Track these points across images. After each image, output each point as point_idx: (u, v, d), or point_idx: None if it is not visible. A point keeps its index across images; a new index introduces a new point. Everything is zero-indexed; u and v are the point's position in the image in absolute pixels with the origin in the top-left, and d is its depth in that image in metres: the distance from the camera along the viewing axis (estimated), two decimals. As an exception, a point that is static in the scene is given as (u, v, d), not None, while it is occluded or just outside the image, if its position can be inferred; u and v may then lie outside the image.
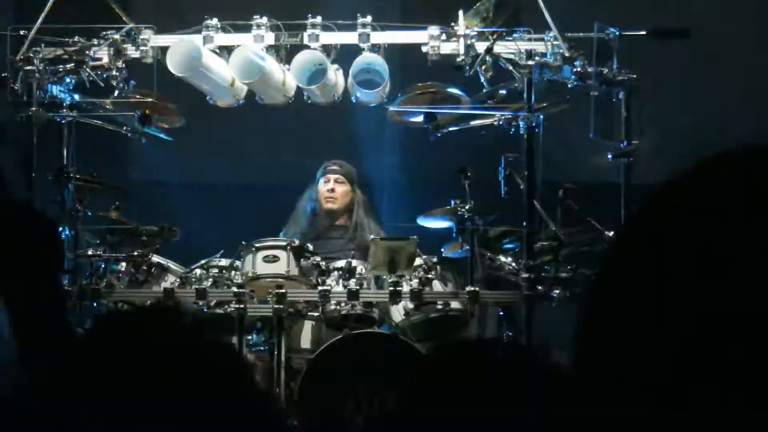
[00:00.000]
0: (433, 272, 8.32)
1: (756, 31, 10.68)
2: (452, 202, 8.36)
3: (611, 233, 7.79)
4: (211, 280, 7.83)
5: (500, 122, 8.44)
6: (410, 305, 8.13)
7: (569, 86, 8.37)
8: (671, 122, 9.79)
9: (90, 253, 8.07)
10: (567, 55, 8.28)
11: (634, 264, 1.29)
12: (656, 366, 1.25)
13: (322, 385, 7.78)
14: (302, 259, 8.05)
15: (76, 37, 8.39)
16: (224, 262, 8.00)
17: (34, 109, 8.07)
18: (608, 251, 1.35)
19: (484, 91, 8.51)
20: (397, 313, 8.20)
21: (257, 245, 7.97)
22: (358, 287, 7.97)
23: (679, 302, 1.24)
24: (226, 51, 8.17)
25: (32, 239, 3.12)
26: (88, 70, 8.29)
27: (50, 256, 3.17)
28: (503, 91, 8.54)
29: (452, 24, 8.45)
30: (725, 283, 1.22)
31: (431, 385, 2.17)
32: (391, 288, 8.02)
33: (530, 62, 8.19)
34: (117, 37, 8.34)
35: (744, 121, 9.81)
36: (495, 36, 8.29)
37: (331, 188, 8.99)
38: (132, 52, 8.40)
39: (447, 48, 8.44)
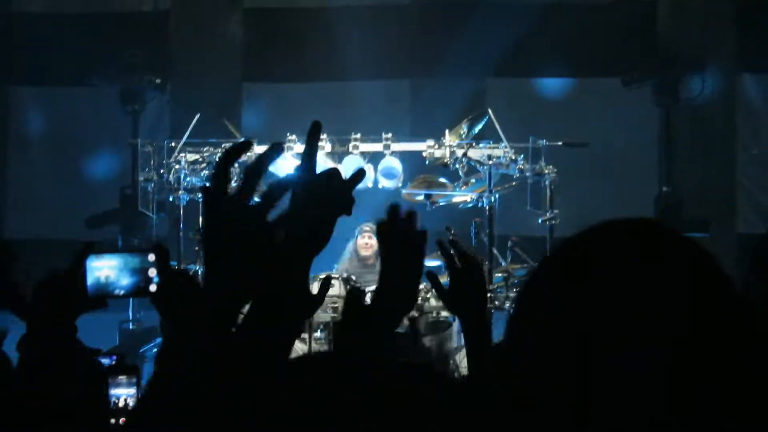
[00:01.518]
0: (429, 293, 10.23)
1: (628, 139, 13.69)
2: None
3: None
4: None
5: (472, 199, 10.92)
6: (415, 313, 10.16)
7: (514, 176, 10.84)
8: (578, 199, 12.06)
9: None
10: (513, 157, 10.73)
11: (537, 296, 1.39)
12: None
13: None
14: (348, 285, 10.52)
15: (207, 147, 11.18)
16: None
17: (181, 192, 11.02)
18: (523, 284, 1.45)
19: (461, 179, 10.96)
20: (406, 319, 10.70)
21: (320, 277, 9.82)
22: None
23: (562, 324, 1.33)
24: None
25: None
26: (214, 167, 11.17)
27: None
28: (473, 180, 10.91)
29: (441, 138, 10.98)
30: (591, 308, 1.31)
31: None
32: (404, 303, 10.65)
33: (490, 162, 10.66)
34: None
35: (624, 202, 12.87)
36: (468, 146, 10.83)
37: (366, 242, 11.19)
38: (242, 156, 11.09)
39: (438, 153, 10.97)
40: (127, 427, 2.59)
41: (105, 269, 2.91)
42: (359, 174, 2.05)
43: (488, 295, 9.32)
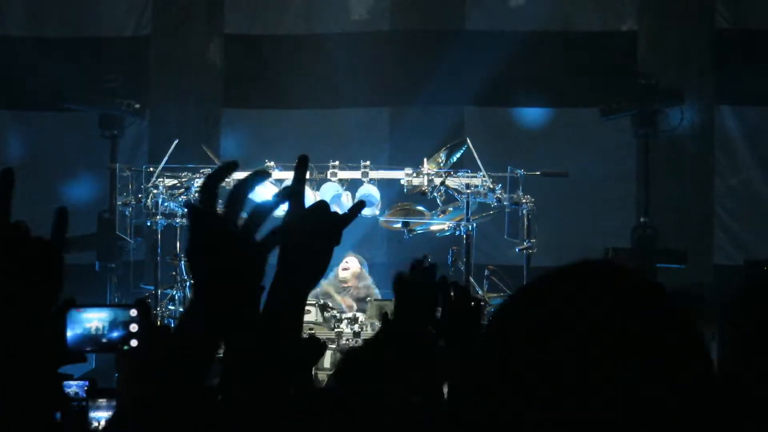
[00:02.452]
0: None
1: (606, 170, 13.82)
2: None
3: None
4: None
5: (449, 228, 11.11)
6: None
7: (492, 205, 11.04)
8: (555, 229, 12.45)
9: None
10: (491, 186, 10.87)
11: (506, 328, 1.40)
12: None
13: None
14: (325, 312, 10.84)
15: (185, 172, 11.31)
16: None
17: (159, 217, 11.09)
18: (497, 309, 1.46)
19: (439, 208, 11.19)
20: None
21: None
22: (360, 329, 10.59)
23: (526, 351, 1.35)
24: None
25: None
26: (192, 192, 11.10)
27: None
28: (451, 208, 11.13)
29: (420, 166, 11.12)
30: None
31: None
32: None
33: (468, 191, 10.82)
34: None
35: (601, 232, 13.10)
36: (446, 174, 11.00)
37: (345, 267, 11.42)
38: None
39: (416, 181, 11.09)
40: None
41: (95, 321, 2.96)
42: (358, 206, 2.08)
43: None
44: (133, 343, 2.95)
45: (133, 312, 2.97)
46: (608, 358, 1.35)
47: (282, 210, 1.99)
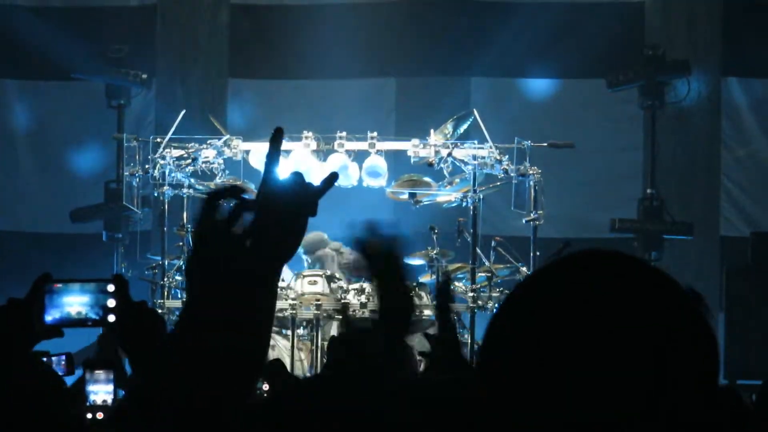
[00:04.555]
0: (413, 291, 10.89)
1: (613, 141, 13.86)
2: (426, 248, 10.83)
3: (523, 268, 10.51)
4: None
5: (456, 199, 11.11)
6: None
7: (498, 177, 11.05)
8: (562, 200, 12.45)
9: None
10: (497, 157, 10.87)
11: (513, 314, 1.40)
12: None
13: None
14: (332, 283, 10.76)
15: (192, 143, 11.23)
16: (283, 283, 10.28)
17: (165, 187, 11.07)
18: (503, 301, 1.45)
19: (446, 179, 11.14)
20: (390, 317, 10.98)
21: (304, 273, 10.80)
22: (366, 300, 10.51)
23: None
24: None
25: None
26: (199, 163, 11.09)
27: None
28: (458, 180, 11.12)
29: (426, 137, 11.12)
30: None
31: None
32: (387, 301, 10.87)
33: (474, 162, 10.84)
34: (218, 142, 11.01)
35: (607, 204, 13.18)
36: (453, 146, 10.98)
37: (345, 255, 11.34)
38: (227, 152, 11.04)
39: (423, 152, 11.10)
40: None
41: (75, 305, 2.93)
42: (331, 178, 2.10)
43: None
44: (111, 318, 2.93)
45: (111, 287, 2.93)
46: (619, 346, 1.36)
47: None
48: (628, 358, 1.35)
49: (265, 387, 7.25)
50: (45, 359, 3.35)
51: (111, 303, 2.91)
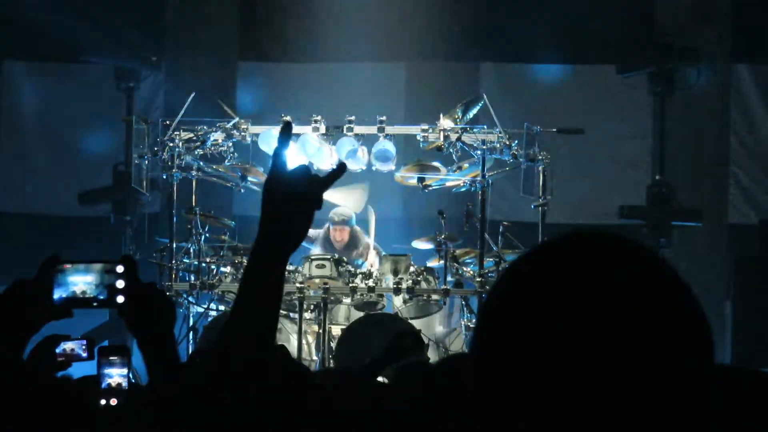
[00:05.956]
0: (421, 276, 10.65)
1: (622, 128, 13.97)
2: (434, 232, 10.82)
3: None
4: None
5: (465, 184, 11.05)
6: (407, 296, 10.58)
7: (507, 162, 10.97)
8: (570, 185, 12.49)
9: (208, 260, 10.81)
10: (507, 142, 10.78)
11: (506, 295, 1.40)
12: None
13: (350, 344, 9.98)
14: (340, 267, 10.69)
15: (201, 126, 11.12)
16: (291, 266, 10.42)
17: (174, 170, 11.02)
18: (494, 284, 1.45)
19: (455, 164, 11.05)
20: (398, 300, 10.66)
21: (312, 257, 10.78)
22: (374, 284, 10.56)
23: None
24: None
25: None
26: (208, 146, 11.05)
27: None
28: (467, 164, 11.04)
29: (436, 122, 10.97)
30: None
31: None
32: (394, 285, 10.49)
33: (483, 147, 10.75)
34: (227, 126, 10.94)
35: (616, 189, 13.16)
36: (462, 130, 10.85)
37: (338, 232, 11.55)
38: (236, 135, 10.96)
39: (432, 137, 10.98)
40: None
41: (81, 284, 2.94)
42: (340, 169, 2.11)
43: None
44: (120, 299, 2.93)
45: (120, 268, 2.93)
46: (615, 325, 1.35)
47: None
48: (620, 340, 1.33)
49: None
50: (66, 342, 3.34)
51: (120, 284, 2.92)
